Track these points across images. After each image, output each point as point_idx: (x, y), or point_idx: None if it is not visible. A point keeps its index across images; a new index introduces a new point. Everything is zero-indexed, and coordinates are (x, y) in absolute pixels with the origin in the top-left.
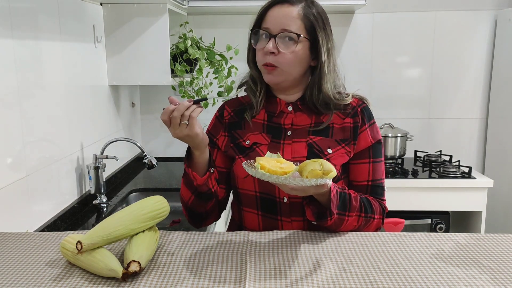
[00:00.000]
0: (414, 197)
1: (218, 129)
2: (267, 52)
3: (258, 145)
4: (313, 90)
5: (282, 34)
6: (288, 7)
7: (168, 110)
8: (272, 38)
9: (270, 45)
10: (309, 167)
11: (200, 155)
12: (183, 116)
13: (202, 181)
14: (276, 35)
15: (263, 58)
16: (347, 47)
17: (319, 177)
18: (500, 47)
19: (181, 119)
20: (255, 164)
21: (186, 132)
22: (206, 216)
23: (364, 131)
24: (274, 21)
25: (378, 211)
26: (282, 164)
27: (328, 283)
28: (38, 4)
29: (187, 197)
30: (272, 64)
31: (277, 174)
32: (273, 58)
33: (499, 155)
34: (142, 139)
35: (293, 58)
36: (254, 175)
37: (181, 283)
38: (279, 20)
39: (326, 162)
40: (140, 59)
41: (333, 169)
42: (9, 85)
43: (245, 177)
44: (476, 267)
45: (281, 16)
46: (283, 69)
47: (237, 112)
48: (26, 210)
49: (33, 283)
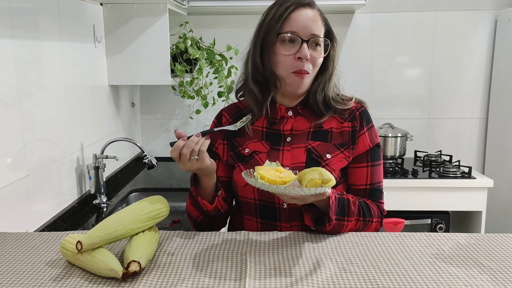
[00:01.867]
0: (414, 197)
1: (216, 138)
2: (304, 58)
3: (257, 153)
4: (317, 93)
5: (314, 39)
6: (312, 11)
7: (178, 147)
8: (304, 43)
9: (306, 51)
10: (308, 176)
11: (208, 181)
12: (193, 152)
13: (212, 208)
14: (308, 40)
15: (295, 64)
16: (347, 47)
17: (318, 186)
18: (500, 47)
19: (191, 154)
20: (254, 174)
21: (196, 166)
22: (214, 228)
23: (363, 135)
24: (302, 25)
25: (377, 214)
26: (281, 174)
27: (328, 283)
28: (38, 4)
29: (195, 215)
30: (306, 71)
31: (276, 183)
32: (307, 64)
33: (499, 155)
34: (142, 139)
35: (320, 62)
36: (254, 185)
37: (181, 283)
38: (308, 24)
39: (325, 171)
40: (140, 59)
41: (332, 178)
42: (9, 85)
43: (244, 186)
44: (476, 267)
45: (309, 20)
46: (311, 75)
47: (235, 119)
48: (26, 210)
49: (33, 283)
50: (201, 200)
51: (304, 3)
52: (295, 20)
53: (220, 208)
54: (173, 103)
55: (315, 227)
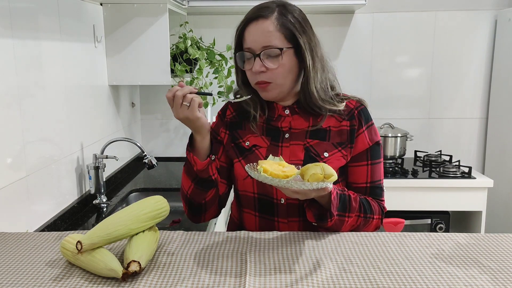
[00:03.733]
0: (414, 197)
1: (219, 127)
2: (256, 72)
3: (257, 147)
4: (304, 93)
5: (265, 52)
6: (263, 22)
7: (174, 89)
8: (257, 58)
9: (257, 66)
10: (311, 171)
11: (201, 140)
12: (185, 98)
13: (202, 166)
14: (259, 54)
15: (253, 77)
16: (347, 47)
17: (320, 181)
18: (500, 47)
19: (183, 100)
20: (258, 168)
21: (186, 114)
22: (205, 208)
23: (362, 133)
24: (253, 39)
25: (377, 211)
26: (284, 168)
27: (328, 283)
28: (38, 4)
29: (187, 186)
30: (265, 81)
31: (279, 177)
32: (264, 75)
33: (499, 155)
34: (142, 139)
35: (283, 70)
36: (257, 178)
37: (181, 283)
38: (257, 38)
39: (328, 166)
40: (140, 59)
41: (334, 173)
42: (9, 85)
43: (244, 179)
44: (476, 267)
45: (259, 34)
46: (276, 83)
47: (240, 113)
48: (26, 210)
49: (33, 283)
50: (192, 156)
51: (254, 17)
52: (247, 36)
53: (212, 174)
54: None
55: (317, 223)
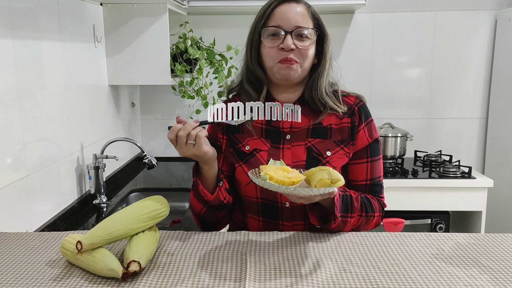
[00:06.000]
0: (414, 197)
1: (216, 132)
2: (286, 49)
3: (258, 151)
4: (312, 89)
5: (298, 30)
6: (297, 5)
7: (175, 129)
8: (288, 35)
9: (289, 41)
10: (317, 176)
11: (209, 170)
12: (189, 136)
13: (212, 198)
14: (292, 31)
15: (279, 54)
16: (347, 47)
17: (327, 186)
18: (500, 47)
19: (187, 138)
20: (262, 175)
21: (193, 151)
22: (219, 224)
23: (361, 130)
24: (286, 18)
25: (378, 209)
26: (289, 174)
27: (328, 283)
28: (38, 4)
29: (198, 208)
30: (293, 58)
31: (285, 184)
32: (292, 53)
33: (499, 155)
34: (142, 139)
35: (309, 53)
36: (262, 185)
37: (181, 283)
38: (291, 17)
39: (334, 170)
40: (140, 59)
41: (341, 178)
42: (9, 85)
43: (247, 184)
44: (476, 267)
45: (293, 14)
46: (301, 64)
47: None
48: (26, 210)
49: (33, 283)
50: (202, 189)
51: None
52: (278, 14)
53: (223, 199)
54: (173, 103)
55: (320, 225)
